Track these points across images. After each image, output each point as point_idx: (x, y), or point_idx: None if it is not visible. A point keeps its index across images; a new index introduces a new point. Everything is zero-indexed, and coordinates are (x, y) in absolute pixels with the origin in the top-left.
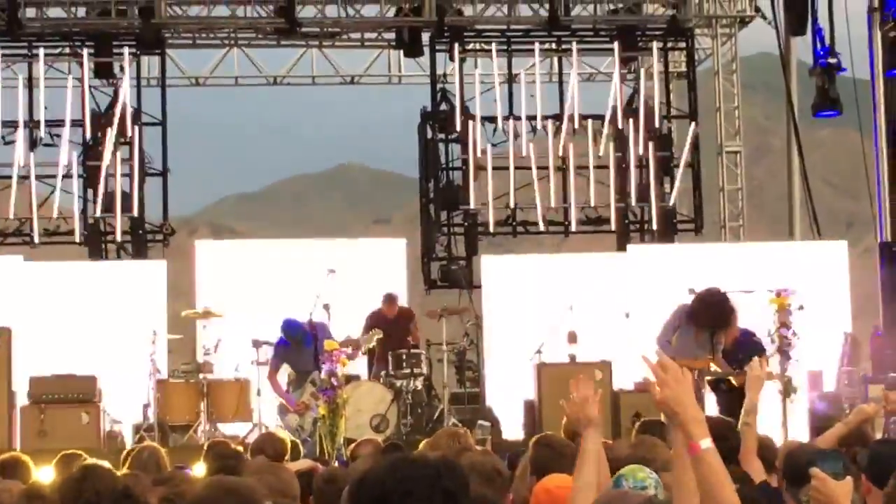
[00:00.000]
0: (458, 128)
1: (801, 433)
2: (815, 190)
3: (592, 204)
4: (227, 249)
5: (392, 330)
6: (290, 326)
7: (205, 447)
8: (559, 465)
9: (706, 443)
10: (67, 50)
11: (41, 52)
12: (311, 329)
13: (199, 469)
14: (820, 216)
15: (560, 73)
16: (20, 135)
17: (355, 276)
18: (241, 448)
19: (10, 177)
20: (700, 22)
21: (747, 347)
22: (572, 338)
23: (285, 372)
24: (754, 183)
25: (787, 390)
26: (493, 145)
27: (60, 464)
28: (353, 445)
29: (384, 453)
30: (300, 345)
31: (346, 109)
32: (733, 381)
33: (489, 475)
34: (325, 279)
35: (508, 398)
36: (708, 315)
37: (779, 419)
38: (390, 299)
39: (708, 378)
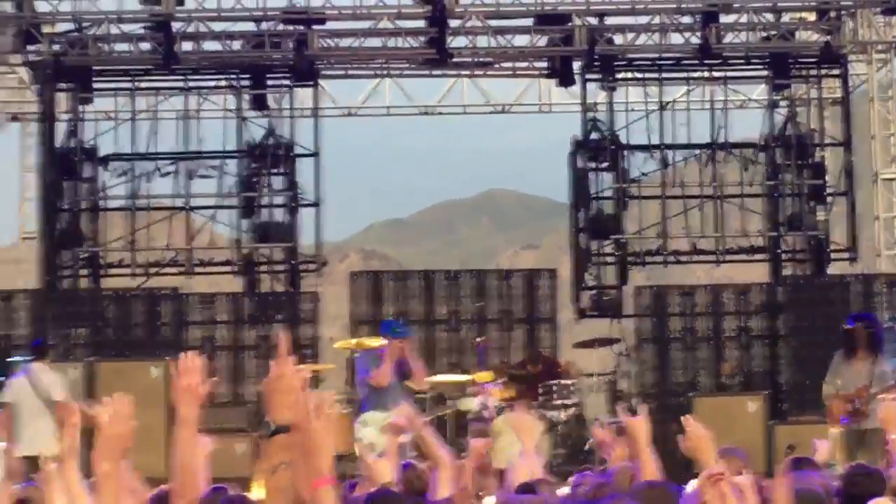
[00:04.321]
0: (609, 157)
1: None
2: None
3: (745, 232)
4: (380, 278)
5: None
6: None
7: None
8: None
9: None
10: (223, 82)
11: (197, 84)
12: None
13: None
14: None
15: (712, 101)
16: (177, 167)
17: (507, 306)
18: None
19: (168, 208)
20: (854, 48)
21: None
22: (727, 369)
23: None
24: None
25: None
26: (644, 174)
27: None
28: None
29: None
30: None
31: (494, 135)
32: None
33: None
34: (474, 308)
35: (661, 428)
36: (850, 340)
37: None
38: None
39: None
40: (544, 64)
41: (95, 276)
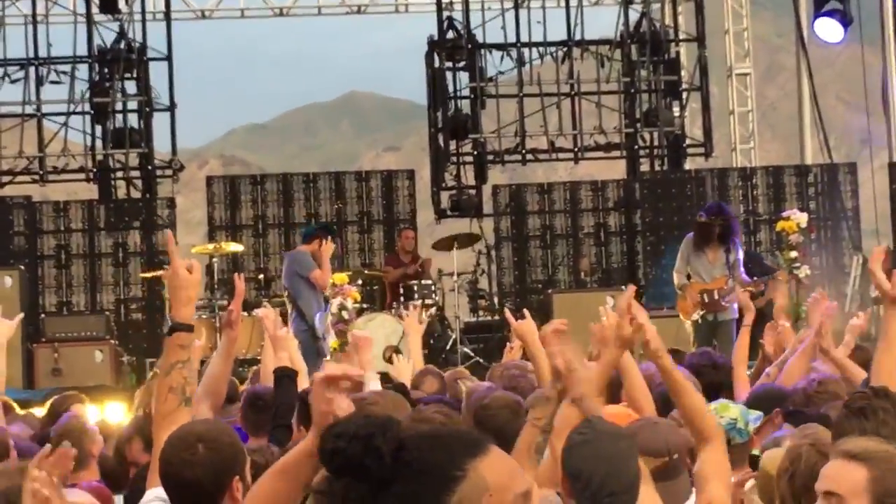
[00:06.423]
0: (466, 56)
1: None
2: (829, 108)
3: (602, 130)
4: (237, 183)
5: (404, 277)
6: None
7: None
8: None
9: None
10: None
11: None
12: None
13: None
14: (834, 134)
15: None
16: (26, 73)
17: (365, 207)
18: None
19: (18, 115)
20: None
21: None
22: (585, 265)
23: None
24: (766, 103)
25: (798, 315)
26: (501, 73)
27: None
28: (416, 374)
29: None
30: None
31: (352, 37)
32: (752, 291)
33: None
34: (333, 210)
35: None
36: (707, 232)
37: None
38: (408, 231)
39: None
40: None
41: None
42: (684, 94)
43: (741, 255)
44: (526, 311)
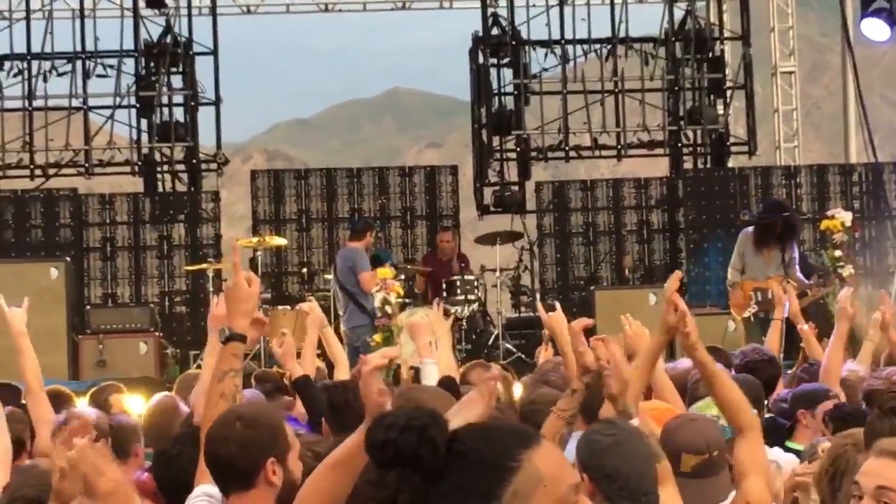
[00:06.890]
0: (510, 53)
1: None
2: (874, 107)
3: (645, 127)
4: (281, 177)
5: (443, 273)
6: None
7: (252, 377)
8: None
9: None
10: None
11: None
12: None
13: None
14: (878, 134)
15: None
16: (73, 66)
17: (409, 203)
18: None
19: (64, 108)
20: None
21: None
22: (628, 263)
23: None
24: (811, 102)
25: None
26: (545, 70)
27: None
28: (463, 368)
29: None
30: None
31: (396, 33)
32: (810, 295)
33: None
34: (376, 206)
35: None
36: (769, 230)
37: None
38: (444, 233)
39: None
40: None
41: None
42: (728, 93)
43: (797, 253)
44: (556, 304)
